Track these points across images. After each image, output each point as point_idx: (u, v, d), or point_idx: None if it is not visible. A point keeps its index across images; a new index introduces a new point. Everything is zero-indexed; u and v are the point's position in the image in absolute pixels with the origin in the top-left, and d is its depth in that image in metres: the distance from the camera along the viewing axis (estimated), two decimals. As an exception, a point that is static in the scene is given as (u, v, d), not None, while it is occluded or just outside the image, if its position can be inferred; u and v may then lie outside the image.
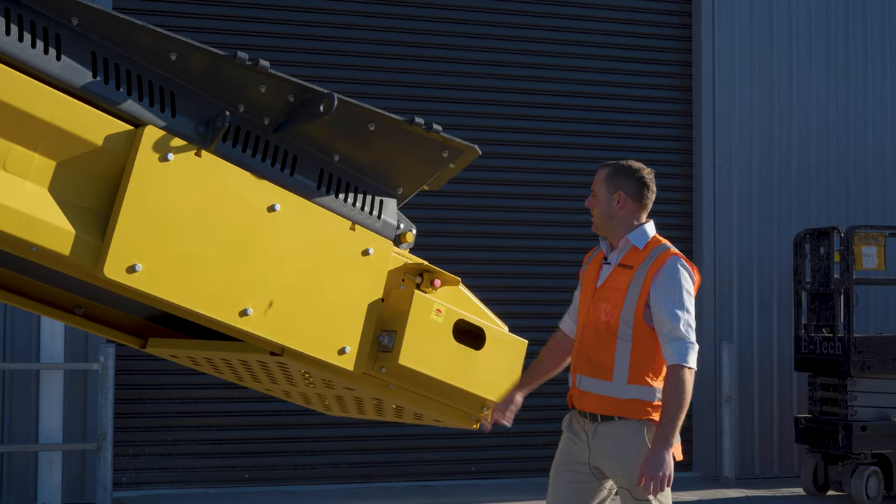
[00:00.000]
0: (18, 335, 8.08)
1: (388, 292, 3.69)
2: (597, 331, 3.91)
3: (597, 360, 3.89)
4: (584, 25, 9.81)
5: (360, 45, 9.21)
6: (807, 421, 8.86)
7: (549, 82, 9.68)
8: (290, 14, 9.07)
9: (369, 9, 9.25)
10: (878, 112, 10.36)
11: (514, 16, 9.61)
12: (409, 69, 9.33)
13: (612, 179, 3.97)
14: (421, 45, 9.39)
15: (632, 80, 9.90)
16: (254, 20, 8.98)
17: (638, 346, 3.82)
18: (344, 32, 9.18)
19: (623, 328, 3.83)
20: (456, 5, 9.49)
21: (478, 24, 9.53)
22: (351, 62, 9.18)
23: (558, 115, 9.69)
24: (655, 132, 9.97)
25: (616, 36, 9.90)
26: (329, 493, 8.67)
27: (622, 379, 3.83)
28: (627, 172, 3.98)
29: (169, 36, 3.20)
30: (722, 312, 9.77)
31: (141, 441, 8.57)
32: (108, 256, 3.05)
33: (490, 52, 9.54)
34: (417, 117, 3.64)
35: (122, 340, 3.95)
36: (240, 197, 3.30)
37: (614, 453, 3.86)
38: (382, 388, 3.78)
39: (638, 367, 3.83)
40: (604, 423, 3.87)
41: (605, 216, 3.98)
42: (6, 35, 2.95)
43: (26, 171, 3.02)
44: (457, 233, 9.38)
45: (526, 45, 9.63)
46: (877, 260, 8.86)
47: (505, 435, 9.08)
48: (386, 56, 9.28)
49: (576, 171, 9.68)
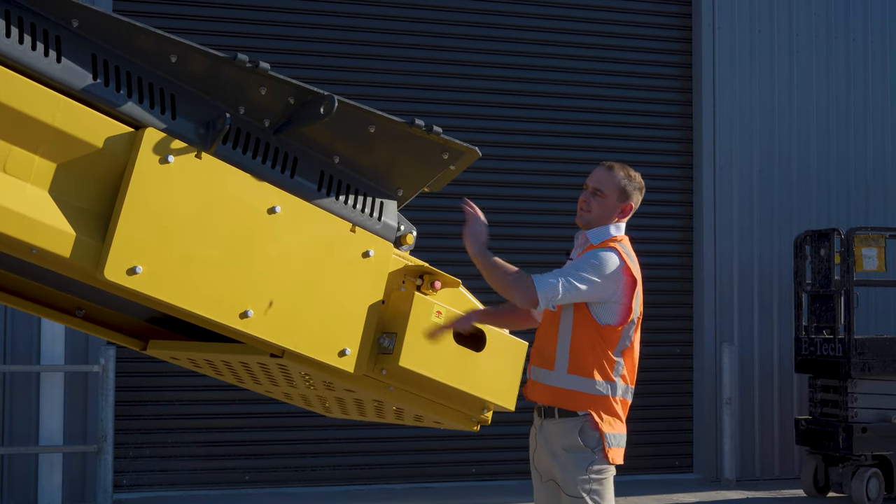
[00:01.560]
0: (19, 337, 8.08)
1: (389, 294, 3.69)
2: (548, 321, 3.96)
3: (544, 350, 3.93)
4: (585, 27, 9.81)
5: (361, 47, 9.22)
6: (807, 422, 8.85)
7: (550, 84, 9.68)
8: (290, 16, 9.08)
9: (370, 11, 9.25)
10: (879, 113, 10.36)
11: (515, 18, 9.61)
12: (410, 71, 9.33)
13: (627, 191, 3.99)
14: (422, 47, 9.39)
15: (632, 82, 9.90)
16: (254, 22, 8.99)
17: (578, 336, 3.83)
18: (345, 34, 9.18)
19: (564, 318, 3.86)
20: (458, 7, 9.49)
21: (479, 27, 9.52)
22: (351, 64, 9.18)
23: (559, 117, 9.70)
24: (656, 134, 9.97)
25: (617, 38, 9.90)
26: (330, 495, 8.67)
27: (563, 368, 3.84)
28: (640, 188, 4.03)
29: (169, 38, 3.21)
30: (722, 314, 9.77)
31: (141, 443, 8.56)
32: (109, 258, 3.05)
33: (490, 55, 9.54)
34: (418, 119, 3.65)
35: (122, 342, 3.96)
36: (240, 199, 3.30)
37: (548, 448, 3.89)
38: (383, 389, 3.78)
39: (577, 358, 3.83)
40: (547, 420, 3.90)
41: (603, 218, 3.99)
42: (6, 37, 2.95)
43: (27, 173, 3.02)
44: (457, 235, 9.33)
45: (527, 48, 9.63)
46: (877, 261, 8.86)
47: (505, 437, 9.09)
48: (386, 58, 9.28)
49: (576, 173, 9.67)
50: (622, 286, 3.84)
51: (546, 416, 3.90)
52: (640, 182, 4.05)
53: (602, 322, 3.83)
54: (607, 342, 3.84)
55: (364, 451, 9.03)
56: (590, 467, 3.79)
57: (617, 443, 3.85)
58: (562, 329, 3.86)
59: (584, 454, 3.80)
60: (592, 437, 3.80)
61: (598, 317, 3.83)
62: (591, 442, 3.80)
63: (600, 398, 3.83)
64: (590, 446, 3.80)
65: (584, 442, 3.80)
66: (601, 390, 3.83)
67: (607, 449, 3.80)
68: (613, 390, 3.85)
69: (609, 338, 3.84)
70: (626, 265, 3.87)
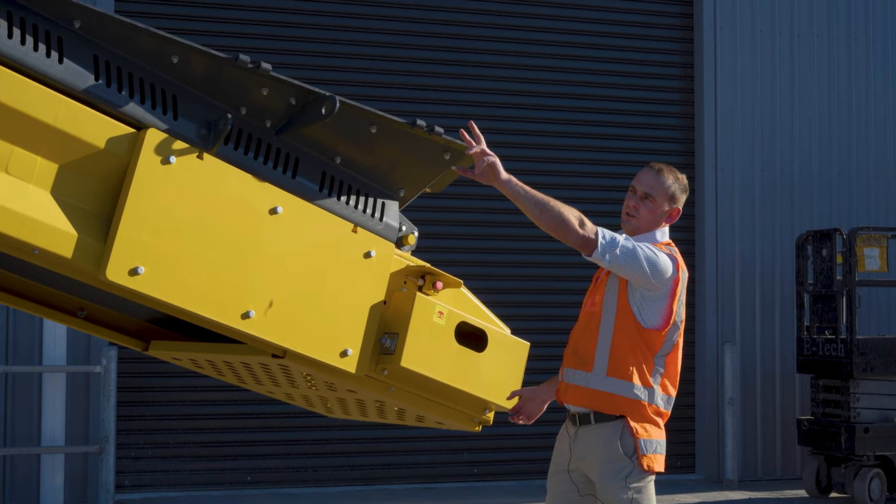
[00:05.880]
0: (21, 338, 8.09)
1: (390, 295, 3.69)
2: (585, 322, 3.89)
3: (581, 351, 3.85)
4: (586, 28, 9.81)
5: (363, 48, 9.22)
6: (809, 423, 8.85)
7: (551, 84, 9.68)
8: (291, 17, 9.08)
9: (371, 11, 9.25)
10: (881, 113, 10.35)
11: (516, 18, 9.61)
12: (412, 71, 9.33)
13: (676, 195, 3.95)
14: (423, 48, 9.39)
15: (634, 83, 9.90)
16: (256, 23, 8.99)
17: (619, 337, 3.76)
18: (346, 35, 9.18)
19: (606, 317, 3.79)
20: (459, 8, 9.49)
21: (480, 27, 9.53)
22: (353, 65, 9.19)
23: (560, 117, 9.69)
24: (658, 134, 9.97)
25: (618, 38, 9.90)
26: (331, 496, 8.67)
27: (601, 370, 3.76)
28: (685, 190, 3.98)
29: (171, 39, 3.21)
30: (724, 314, 9.76)
31: (143, 444, 8.57)
32: (111, 259, 3.05)
33: (492, 55, 9.54)
34: (419, 119, 3.64)
35: (124, 343, 3.96)
36: (242, 199, 3.30)
37: (589, 456, 3.80)
38: (384, 390, 3.78)
39: (618, 360, 3.75)
40: (583, 427, 3.82)
41: (651, 225, 3.93)
42: (8, 38, 2.95)
43: (28, 174, 3.02)
44: (459, 235, 9.38)
45: (528, 48, 9.63)
46: (879, 262, 8.86)
47: (507, 438, 9.09)
48: (388, 58, 9.28)
49: (577, 174, 9.68)
50: (671, 284, 3.78)
51: (581, 423, 3.82)
52: (686, 184, 4.00)
53: (646, 325, 3.76)
54: (649, 345, 3.77)
55: (366, 451, 9.03)
56: (628, 476, 3.71)
57: (653, 449, 3.76)
58: (602, 329, 3.79)
59: (622, 464, 3.72)
60: (629, 444, 3.73)
61: (641, 318, 3.76)
62: (628, 450, 3.72)
63: (637, 403, 3.75)
64: (627, 454, 3.72)
65: (622, 450, 3.72)
66: (639, 395, 3.75)
67: (642, 456, 3.72)
68: (651, 396, 3.77)
69: (651, 341, 3.77)
70: (679, 263, 3.83)
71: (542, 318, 9.31)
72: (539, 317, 9.30)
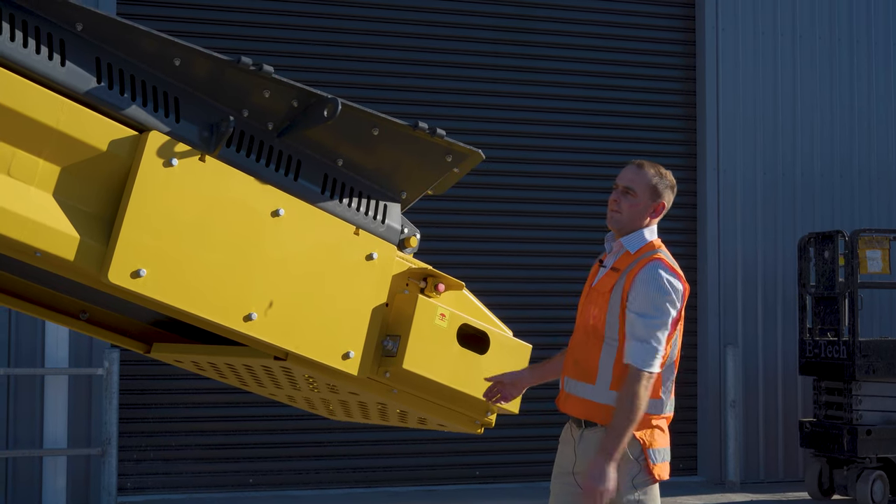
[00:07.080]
0: (23, 340, 8.09)
1: (392, 297, 3.69)
2: (585, 334, 3.85)
3: (583, 363, 3.82)
4: (588, 30, 9.82)
5: (364, 50, 9.22)
6: (812, 425, 8.84)
7: (553, 87, 9.69)
8: (293, 19, 9.08)
9: (372, 14, 9.26)
10: (883, 115, 10.35)
11: (518, 20, 9.62)
12: (414, 73, 9.34)
13: (659, 189, 3.86)
14: (426, 50, 9.40)
15: (636, 85, 9.90)
16: (257, 25, 9.00)
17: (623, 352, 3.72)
18: (348, 37, 9.19)
19: (609, 333, 3.75)
20: (461, 10, 9.50)
21: (481, 29, 9.53)
22: (355, 67, 9.19)
23: (562, 119, 9.70)
24: (659, 136, 9.97)
25: (620, 40, 9.90)
26: (333, 498, 8.67)
27: (605, 384, 3.74)
28: (671, 186, 3.90)
29: (173, 41, 3.21)
30: (726, 317, 9.76)
31: (145, 446, 8.57)
32: (113, 261, 3.05)
33: (493, 57, 9.54)
34: (421, 121, 3.64)
35: (126, 345, 3.96)
36: (244, 202, 3.30)
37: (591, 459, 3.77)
38: (387, 392, 3.77)
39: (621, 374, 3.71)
40: (588, 430, 3.79)
41: (635, 219, 3.86)
42: (11, 41, 2.95)
43: (31, 176, 3.02)
44: (461, 237, 9.38)
45: (529, 50, 9.64)
46: (881, 263, 8.85)
47: (510, 440, 9.09)
48: (389, 60, 9.29)
49: (579, 175, 9.68)
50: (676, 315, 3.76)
51: (587, 425, 3.80)
52: (672, 180, 3.92)
53: None
54: None
55: (368, 453, 9.03)
56: (635, 478, 3.70)
57: (661, 458, 3.75)
58: (606, 343, 3.76)
59: (628, 465, 3.70)
60: (636, 447, 3.71)
61: None
62: (634, 452, 3.71)
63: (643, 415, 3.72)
64: (634, 456, 3.70)
65: (629, 452, 3.69)
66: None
67: (651, 465, 3.71)
68: (654, 407, 3.75)
69: None
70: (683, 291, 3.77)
71: (543, 320, 9.31)
72: (541, 319, 9.30)
